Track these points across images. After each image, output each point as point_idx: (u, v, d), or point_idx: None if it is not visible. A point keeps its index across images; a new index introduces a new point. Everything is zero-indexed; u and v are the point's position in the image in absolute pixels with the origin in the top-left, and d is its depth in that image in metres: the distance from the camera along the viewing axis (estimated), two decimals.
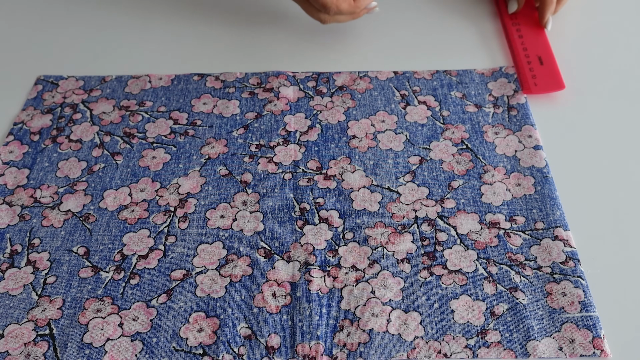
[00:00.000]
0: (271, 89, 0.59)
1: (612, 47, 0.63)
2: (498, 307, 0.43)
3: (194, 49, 0.64)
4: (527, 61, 0.59)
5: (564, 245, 0.46)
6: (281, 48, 0.63)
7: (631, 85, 0.59)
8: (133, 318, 0.43)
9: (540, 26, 0.62)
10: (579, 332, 0.42)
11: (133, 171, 0.52)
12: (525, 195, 0.50)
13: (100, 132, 0.55)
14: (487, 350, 0.41)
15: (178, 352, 0.41)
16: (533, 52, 0.60)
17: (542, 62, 0.59)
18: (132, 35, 0.65)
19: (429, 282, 0.45)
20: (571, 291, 0.44)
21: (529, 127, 0.55)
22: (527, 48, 0.60)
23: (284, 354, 0.41)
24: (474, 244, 0.47)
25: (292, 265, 0.46)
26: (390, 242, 0.47)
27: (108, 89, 0.59)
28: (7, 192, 0.51)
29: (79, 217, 0.49)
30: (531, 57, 0.59)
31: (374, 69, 0.61)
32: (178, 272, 0.46)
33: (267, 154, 0.53)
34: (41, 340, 0.42)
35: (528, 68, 0.58)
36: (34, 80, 0.60)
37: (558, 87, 0.57)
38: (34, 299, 0.44)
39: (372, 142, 0.54)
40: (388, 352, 0.41)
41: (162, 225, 0.48)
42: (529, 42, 0.61)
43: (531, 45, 0.61)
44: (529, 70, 0.58)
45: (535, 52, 0.60)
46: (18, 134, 0.55)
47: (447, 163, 0.52)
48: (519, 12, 0.64)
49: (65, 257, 0.46)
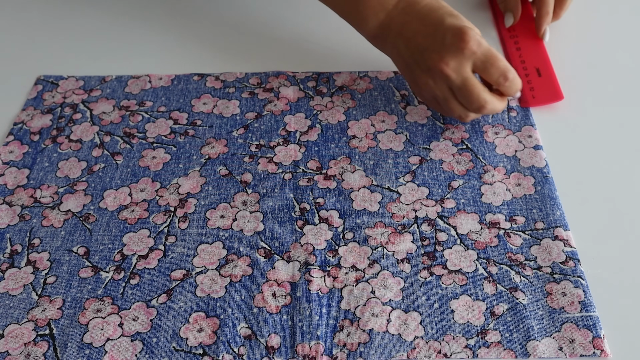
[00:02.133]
0: (271, 89, 0.59)
1: (612, 47, 0.63)
2: (498, 307, 0.43)
3: (194, 49, 0.64)
4: (525, 74, 0.59)
5: (564, 245, 0.46)
6: (281, 48, 0.63)
7: (631, 86, 0.59)
8: (133, 318, 0.43)
9: (538, 37, 0.62)
10: (579, 332, 0.42)
11: (133, 171, 0.52)
12: (525, 195, 0.50)
13: (100, 132, 0.55)
14: (487, 350, 0.41)
15: (178, 352, 0.41)
16: (531, 64, 0.60)
17: (540, 74, 0.58)
18: (132, 35, 0.65)
19: (429, 282, 0.45)
20: (571, 291, 0.44)
21: (529, 127, 0.55)
22: (524, 60, 0.60)
23: (284, 354, 0.41)
24: (474, 244, 0.47)
25: (292, 265, 0.46)
26: (390, 242, 0.47)
27: (108, 89, 0.59)
28: (7, 192, 0.51)
29: (79, 217, 0.49)
30: (529, 69, 0.59)
31: (374, 69, 0.61)
32: (178, 272, 0.46)
33: (267, 154, 0.53)
34: (41, 340, 0.42)
35: (526, 81, 0.58)
36: (34, 80, 0.60)
37: (556, 99, 0.57)
38: (34, 299, 0.44)
39: (372, 142, 0.54)
40: (388, 352, 0.41)
41: (162, 225, 0.48)
42: (527, 54, 0.61)
43: (529, 57, 0.60)
44: (526, 83, 0.58)
45: (533, 64, 0.60)
46: (18, 134, 0.55)
47: (447, 163, 0.52)
48: (516, 24, 0.63)
49: (65, 257, 0.46)
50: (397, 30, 0.52)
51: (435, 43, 0.49)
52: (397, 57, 0.53)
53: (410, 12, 0.52)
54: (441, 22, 0.50)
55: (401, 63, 0.53)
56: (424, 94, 0.53)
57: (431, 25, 0.50)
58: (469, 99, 0.50)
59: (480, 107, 0.50)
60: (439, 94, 0.51)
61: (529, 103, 0.57)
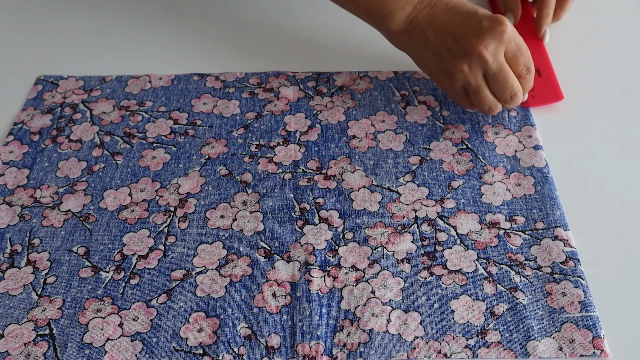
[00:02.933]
0: (271, 89, 0.59)
1: (612, 47, 0.63)
2: (498, 307, 0.43)
3: (194, 49, 0.64)
4: None
5: (564, 245, 0.46)
6: (281, 48, 0.63)
7: (631, 86, 0.59)
8: (133, 318, 0.43)
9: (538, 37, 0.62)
10: (579, 332, 0.42)
11: (133, 171, 0.52)
12: (525, 195, 0.50)
13: (100, 132, 0.55)
14: (487, 350, 0.41)
15: (178, 352, 0.41)
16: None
17: (540, 74, 0.58)
18: (132, 35, 0.65)
19: (429, 282, 0.45)
20: (571, 291, 0.44)
21: (529, 127, 0.55)
22: None
23: (284, 354, 0.41)
24: (474, 244, 0.47)
25: (292, 265, 0.46)
26: (390, 242, 0.47)
27: (108, 89, 0.59)
28: (7, 192, 0.51)
29: (79, 217, 0.49)
30: None
31: (374, 69, 0.61)
32: (178, 272, 0.46)
33: (267, 154, 0.53)
34: (41, 340, 0.42)
35: None
36: (34, 80, 0.60)
37: (556, 99, 0.57)
38: (34, 299, 0.44)
39: (372, 142, 0.54)
40: (388, 352, 0.41)
41: (162, 225, 0.48)
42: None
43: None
44: None
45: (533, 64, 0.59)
46: (18, 134, 0.55)
47: (447, 163, 0.52)
48: (516, 24, 0.63)
49: (65, 257, 0.46)
50: (425, 22, 0.52)
51: (472, 28, 0.49)
52: (424, 49, 0.52)
53: (437, 5, 0.52)
54: (474, 11, 0.50)
55: (428, 54, 0.52)
56: (454, 84, 0.52)
57: (464, 15, 0.51)
58: (504, 85, 0.50)
59: (512, 96, 0.51)
60: (472, 82, 0.50)
61: (529, 103, 0.57)
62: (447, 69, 0.51)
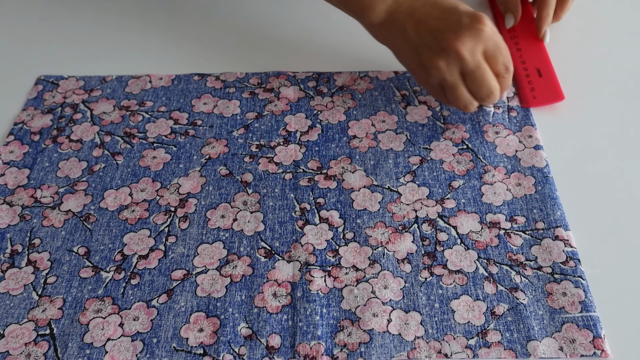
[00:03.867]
0: (272, 89, 0.59)
1: (612, 47, 0.63)
2: (498, 307, 0.43)
3: (194, 49, 0.64)
4: (525, 74, 0.59)
5: (565, 245, 0.46)
6: (281, 48, 0.63)
7: (631, 86, 0.59)
8: (133, 318, 0.43)
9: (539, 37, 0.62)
10: (579, 332, 0.42)
11: (133, 171, 0.52)
12: (526, 195, 0.50)
13: (100, 132, 0.55)
14: (487, 350, 0.41)
15: (178, 352, 0.41)
16: (531, 64, 0.60)
17: (540, 74, 0.58)
18: (132, 35, 0.65)
19: (430, 282, 0.45)
20: (572, 291, 0.44)
21: (530, 127, 0.55)
22: (525, 61, 0.60)
23: (284, 354, 0.41)
24: (475, 244, 0.47)
25: (292, 265, 0.46)
26: (391, 242, 0.47)
27: (108, 89, 0.59)
28: (8, 192, 0.51)
29: (80, 217, 0.49)
30: (530, 69, 0.59)
31: (374, 69, 0.61)
32: (178, 272, 0.46)
33: (267, 154, 0.53)
34: (42, 340, 0.42)
35: (527, 81, 0.58)
36: (34, 80, 0.60)
37: (557, 99, 0.57)
38: (35, 299, 0.44)
39: (373, 142, 0.54)
40: (388, 352, 0.41)
41: (162, 225, 0.48)
42: (527, 55, 0.60)
43: (529, 58, 0.60)
44: (527, 84, 0.58)
45: (533, 65, 0.60)
46: (18, 134, 0.55)
47: (448, 163, 0.52)
48: (516, 24, 0.63)
49: (65, 257, 0.46)
50: (406, 14, 0.51)
51: (450, 24, 0.49)
52: (403, 42, 0.52)
53: None
54: (455, 7, 0.50)
55: (406, 48, 0.52)
56: (430, 80, 0.51)
57: (445, 9, 0.50)
58: (481, 83, 0.49)
59: (489, 94, 0.50)
60: (449, 79, 0.50)
61: (529, 103, 0.57)
62: (424, 65, 0.50)
